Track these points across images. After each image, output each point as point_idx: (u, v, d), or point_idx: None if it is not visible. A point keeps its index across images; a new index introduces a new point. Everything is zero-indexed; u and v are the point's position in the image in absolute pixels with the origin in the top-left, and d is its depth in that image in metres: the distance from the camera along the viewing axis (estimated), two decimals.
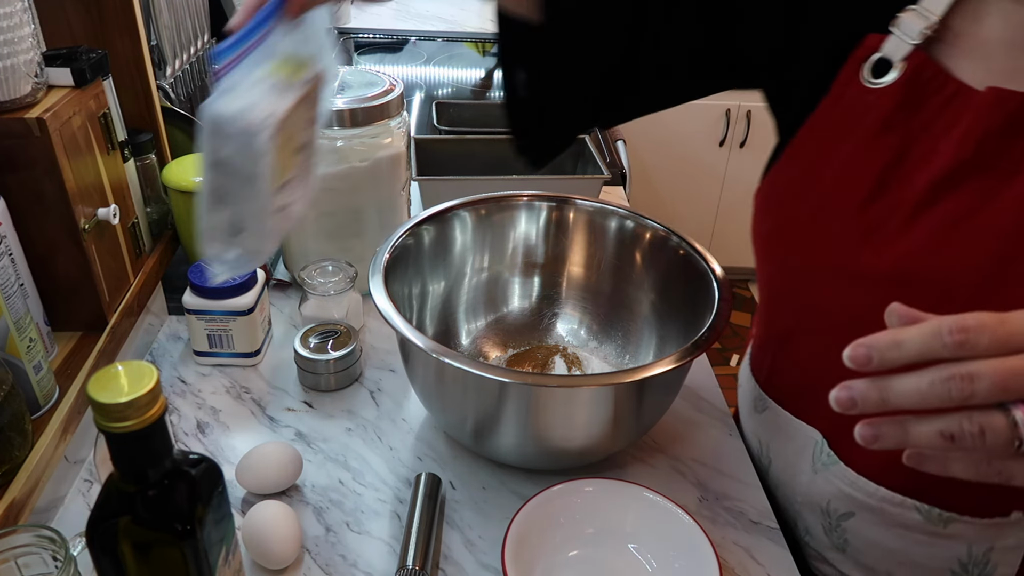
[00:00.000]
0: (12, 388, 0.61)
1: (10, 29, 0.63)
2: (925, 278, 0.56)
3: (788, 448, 0.71)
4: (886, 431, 0.40)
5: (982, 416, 0.38)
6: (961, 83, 0.56)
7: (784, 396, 0.71)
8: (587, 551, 0.65)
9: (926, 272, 0.56)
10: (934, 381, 0.38)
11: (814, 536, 0.71)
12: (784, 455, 0.72)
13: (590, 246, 0.87)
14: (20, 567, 0.52)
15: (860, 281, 0.59)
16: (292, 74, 0.58)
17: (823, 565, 0.72)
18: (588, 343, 0.88)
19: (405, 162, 0.96)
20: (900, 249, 0.57)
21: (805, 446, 0.68)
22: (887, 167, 0.58)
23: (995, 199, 0.54)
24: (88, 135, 0.73)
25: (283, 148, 0.58)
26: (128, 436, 0.41)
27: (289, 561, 0.63)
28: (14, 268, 0.65)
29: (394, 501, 0.71)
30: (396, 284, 0.74)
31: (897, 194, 0.58)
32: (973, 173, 0.55)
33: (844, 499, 0.65)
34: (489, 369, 0.64)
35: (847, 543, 0.67)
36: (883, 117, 0.59)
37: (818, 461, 0.67)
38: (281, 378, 0.84)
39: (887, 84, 0.59)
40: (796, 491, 0.71)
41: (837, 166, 0.61)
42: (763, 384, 0.74)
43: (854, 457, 0.64)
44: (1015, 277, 0.53)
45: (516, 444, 0.69)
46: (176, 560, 0.45)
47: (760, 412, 0.74)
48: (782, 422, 0.71)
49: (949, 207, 0.55)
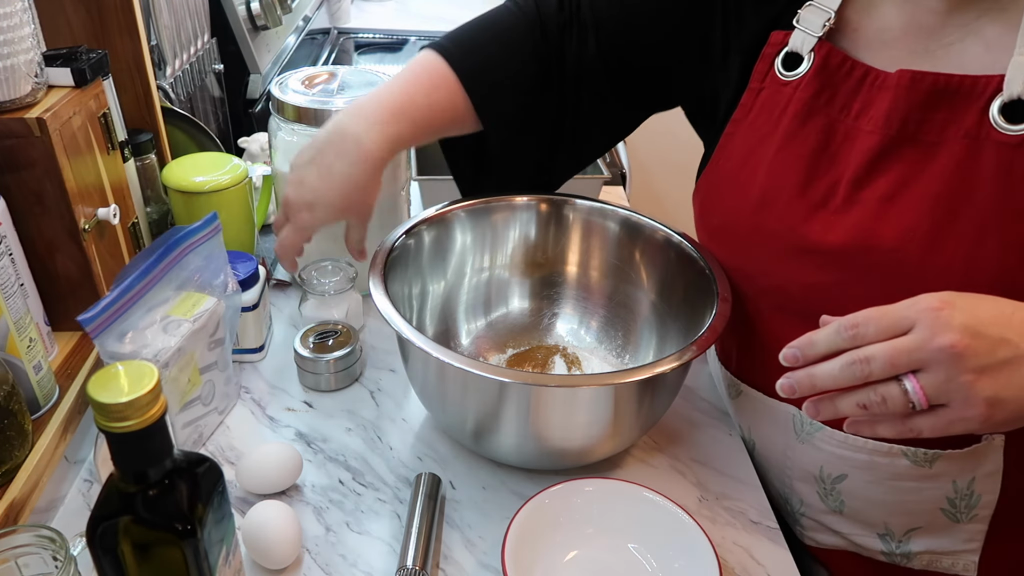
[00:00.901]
0: (12, 388, 0.61)
1: (10, 29, 0.63)
2: (874, 246, 0.61)
3: (768, 426, 0.74)
4: (823, 407, 0.54)
5: (883, 387, 0.50)
6: (869, 67, 0.63)
7: (755, 378, 0.74)
8: (587, 551, 0.65)
9: (875, 241, 0.61)
10: (843, 366, 0.51)
11: (810, 505, 0.73)
12: (767, 434, 0.74)
13: (590, 246, 0.87)
14: (20, 567, 0.52)
15: (812, 257, 0.64)
16: (188, 311, 0.69)
17: (822, 533, 0.73)
18: (588, 343, 0.88)
19: (405, 162, 0.96)
20: (848, 222, 0.62)
21: (784, 420, 0.71)
22: (816, 150, 0.64)
23: (925, 168, 0.60)
24: (88, 135, 0.73)
25: (182, 373, 0.68)
26: (128, 436, 0.41)
27: (289, 561, 0.63)
28: (14, 268, 0.65)
29: (394, 501, 0.71)
30: (396, 284, 0.74)
31: (832, 173, 0.64)
32: (901, 147, 0.61)
33: (836, 461, 0.68)
34: (489, 369, 0.64)
35: (843, 504, 0.70)
36: (802, 104, 0.65)
37: (801, 432, 0.70)
38: (281, 378, 0.84)
39: (800, 75, 0.65)
40: (787, 465, 0.73)
41: (770, 155, 0.66)
42: (734, 370, 0.77)
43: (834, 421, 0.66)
44: (950, 236, 0.58)
45: (516, 444, 0.69)
46: (176, 560, 0.45)
47: (735, 398, 0.78)
48: (757, 404, 0.74)
49: (888, 179, 0.61)
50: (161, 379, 0.41)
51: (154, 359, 0.64)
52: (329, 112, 0.85)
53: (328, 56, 1.81)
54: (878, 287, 0.59)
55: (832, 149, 0.64)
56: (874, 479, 0.66)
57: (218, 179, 0.89)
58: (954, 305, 0.49)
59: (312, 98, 0.87)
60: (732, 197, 0.69)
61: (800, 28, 0.65)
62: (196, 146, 1.02)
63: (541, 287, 0.89)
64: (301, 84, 0.90)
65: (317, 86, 0.90)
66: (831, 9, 0.64)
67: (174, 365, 0.67)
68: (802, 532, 0.75)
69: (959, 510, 0.66)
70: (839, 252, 0.62)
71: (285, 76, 0.92)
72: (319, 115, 0.85)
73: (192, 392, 0.71)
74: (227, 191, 0.89)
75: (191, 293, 0.71)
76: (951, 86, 0.58)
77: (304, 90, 0.89)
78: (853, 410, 0.52)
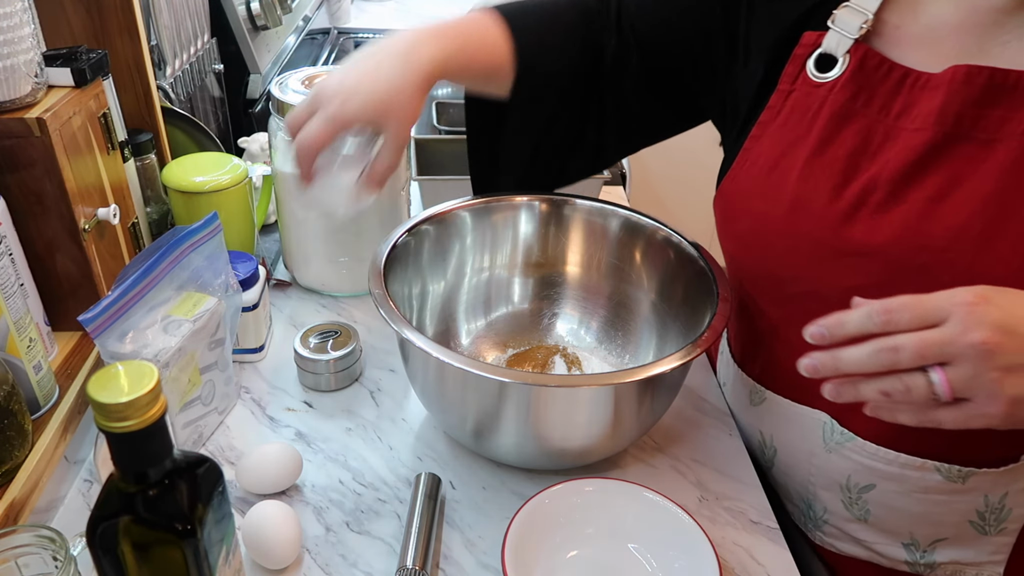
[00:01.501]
0: (12, 388, 0.61)
1: (10, 29, 0.63)
2: (924, 246, 0.59)
3: (793, 434, 0.72)
4: (844, 390, 0.52)
5: (908, 377, 0.49)
6: (908, 68, 0.61)
7: (782, 385, 0.72)
8: (587, 551, 0.65)
9: (925, 240, 0.59)
10: (871, 352, 0.50)
11: (833, 512, 0.72)
12: (790, 441, 0.73)
13: (590, 246, 0.87)
14: (20, 567, 0.52)
15: (853, 260, 0.62)
16: (189, 311, 0.69)
17: (843, 541, 0.73)
18: (588, 343, 0.88)
19: (405, 162, 0.96)
20: (893, 222, 0.60)
21: (812, 428, 0.69)
22: (854, 152, 0.63)
23: (979, 167, 0.58)
24: (88, 135, 0.73)
25: (183, 373, 0.68)
26: (128, 436, 0.41)
27: (289, 561, 0.63)
28: (14, 268, 0.65)
29: (394, 501, 0.71)
30: (396, 284, 0.74)
31: (871, 175, 0.62)
32: (953, 145, 0.59)
33: (864, 472, 0.67)
34: (489, 369, 0.64)
35: (869, 512, 0.69)
36: (838, 107, 0.63)
37: (830, 440, 0.68)
38: (281, 378, 0.84)
39: (835, 77, 0.64)
40: (811, 472, 0.71)
41: (804, 158, 0.65)
42: (757, 377, 0.75)
43: (867, 430, 0.66)
44: (1003, 237, 0.57)
45: (516, 444, 0.69)
46: (176, 560, 0.45)
47: (757, 405, 0.76)
48: (783, 410, 0.72)
49: (938, 178, 0.59)
50: (161, 379, 0.41)
51: (154, 359, 0.64)
52: None
53: (328, 56, 1.81)
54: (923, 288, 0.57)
55: (871, 150, 0.62)
56: (903, 490, 0.66)
57: (218, 179, 0.89)
58: (990, 301, 0.48)
59: None
60: (761, 201, 0.67)
61: (835, 29, 0.64)
62: (196, 146, 1.02)
63: (541, 287, 0.89)
64: (301, 84, 0.90)
65: None
66: (869, 11, 0.63)
67: (174, 365, 0.67)
68: (822, 538, 0.74)
69: (988, 523, 0.65)
70: (884, 252, 0.60)
71: (285, 76, 0.92)
72: None
73: (192, 392, 0.71)
74: (227, 191, 0.89)
75: (192, 293, 0.71)
76: (1009, 82, 0.57)
77: (304, 90, 0.89)
78: (875, 397, 0.51)
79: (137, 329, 0.65)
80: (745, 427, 0.80)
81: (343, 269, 0.95)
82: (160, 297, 0.68)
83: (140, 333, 0.65)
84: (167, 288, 0.68)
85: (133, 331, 0.65)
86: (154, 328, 0.66)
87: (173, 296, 0.69)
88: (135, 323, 0.65)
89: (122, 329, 0.64)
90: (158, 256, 0.66)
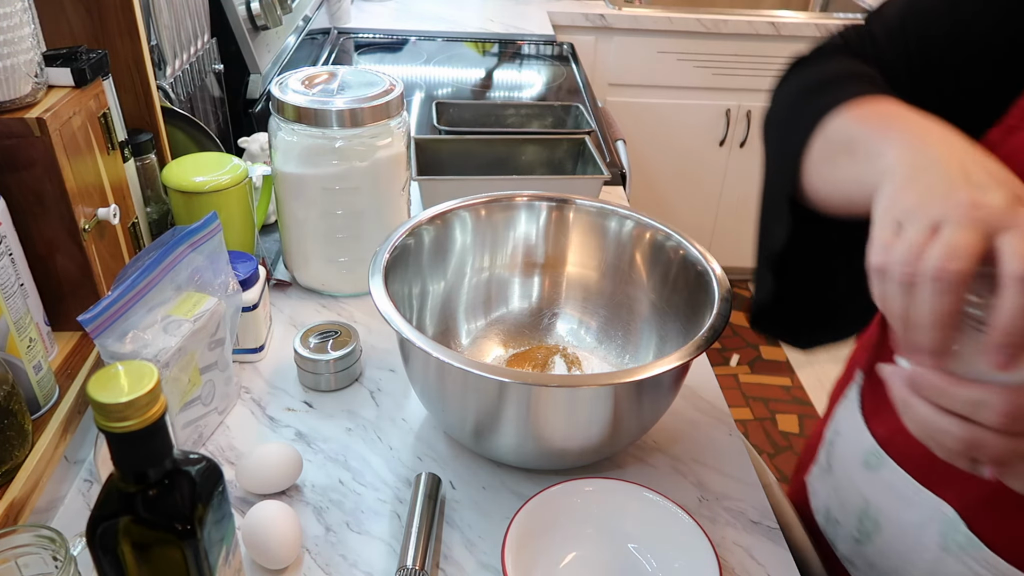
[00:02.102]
0: (12, 388, 0.61)
1: (10, 29, 0.63)
2: None
3: (907, 517, 0.63)
4: None
5: None
6: None
7: (909, 460, 0.63)
8: (587, 551, 0.65)
9: None
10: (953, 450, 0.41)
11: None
12: (899, 524, 0.64)
13: (590, 246, 0.87)
14: (20, 567, 0.52)
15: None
16: (189, 311, 0.69)
17: None
18: (588, 343, 0.88)
19: (405, 162, 0.96)
20: None
21: (931, 519, 0.61)
22: None
23: None
24: (88, 135, 0.73)
25: (183, 373, 0.68)
26: (128, 436, 0.41)
27: (289, 561, 0.63)
28: (14, 268, 0.65)
29: (394, 501, 0.71)
30: (396, 284, 0.74)
31: None
32: None
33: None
34: (489, 369, 0.64)
35: None
36: None
37: (951, 540, 0.59)
38: (281, 378, 0.84)
39: None
40: (916, 566, 0.63)
41: None
42: (882, 440, 0.65)
43: (995, 538, 0.57)
44: None
45: (516, 444, 0.69)
46: (176, 560, 0.45)
47: (873, 470, 0.66)
48: (903, 487, 0.63)
49: None
50: (161, 379, 0.41)
51: (154, 359, 0.64)
52: (329, 112, 0.85)
53: (328, 56, 1.82)
54: None
55: None
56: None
57: (218, 179, 0.89)
58: None
59: (312, 98, 0.87)
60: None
61: None
62: (196, 146, 1.02)
63: (541, 287, 0.89)
64: (301, 84, 0.90)
65: (317, 86, 0.90)
66: None
67: (174, 365, 0.67)
68: None
69: None
70: None
71: (285, 76, 0.92)
72: (319, 115, 0.85)
73: (192, 392, 0.71)
74: (227, 191, 0.89)
75: (191, 293, 0.71)
76: None
77: (304, 90, 0.89)
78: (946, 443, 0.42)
79: (137, 329, 0.65)
80: (844, 488, 0.71)
81: (343, 269, 0.95)
82: (160, 297, 0.68)
83: (140, 333, 0.65)
84: (167, 288, 0.68)
85: (133, 331, 0.65)
86: (154, 328, 0.66)
87: (173, 296, 0.69)
88: (135, 323, 0.65)
89: (122, 329, 0.64)
90: (158, 256, 0.66)
